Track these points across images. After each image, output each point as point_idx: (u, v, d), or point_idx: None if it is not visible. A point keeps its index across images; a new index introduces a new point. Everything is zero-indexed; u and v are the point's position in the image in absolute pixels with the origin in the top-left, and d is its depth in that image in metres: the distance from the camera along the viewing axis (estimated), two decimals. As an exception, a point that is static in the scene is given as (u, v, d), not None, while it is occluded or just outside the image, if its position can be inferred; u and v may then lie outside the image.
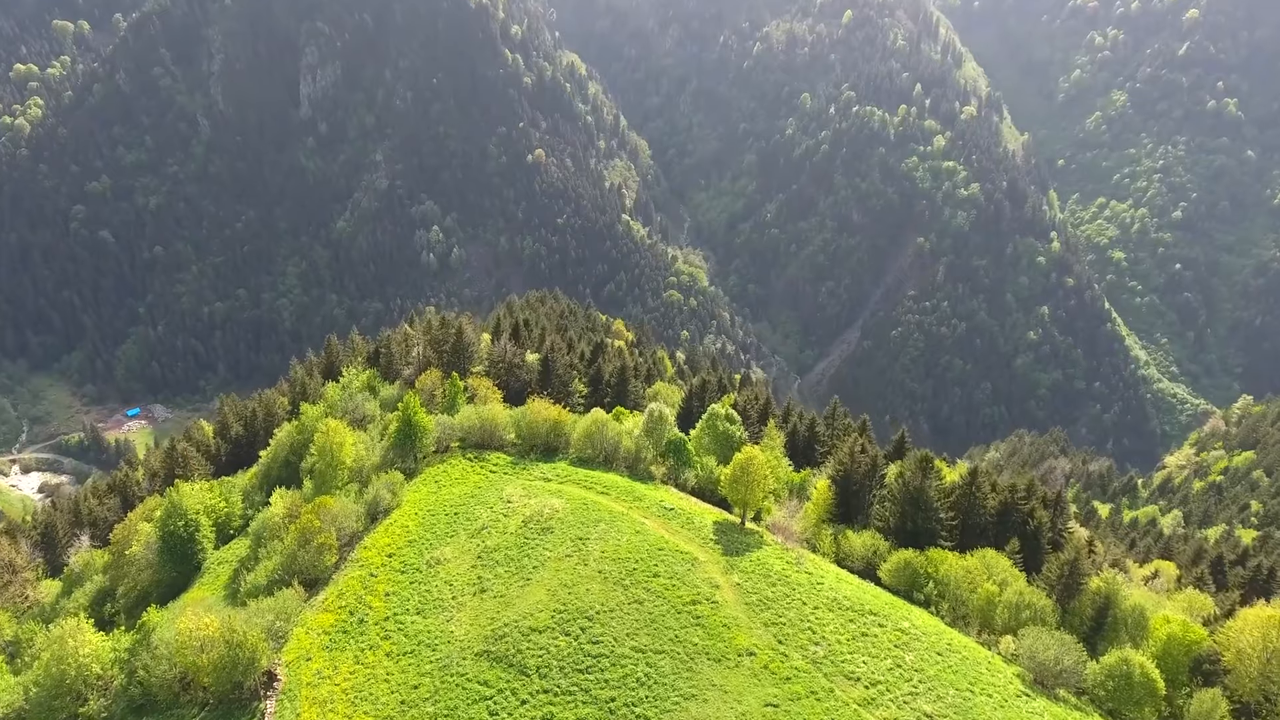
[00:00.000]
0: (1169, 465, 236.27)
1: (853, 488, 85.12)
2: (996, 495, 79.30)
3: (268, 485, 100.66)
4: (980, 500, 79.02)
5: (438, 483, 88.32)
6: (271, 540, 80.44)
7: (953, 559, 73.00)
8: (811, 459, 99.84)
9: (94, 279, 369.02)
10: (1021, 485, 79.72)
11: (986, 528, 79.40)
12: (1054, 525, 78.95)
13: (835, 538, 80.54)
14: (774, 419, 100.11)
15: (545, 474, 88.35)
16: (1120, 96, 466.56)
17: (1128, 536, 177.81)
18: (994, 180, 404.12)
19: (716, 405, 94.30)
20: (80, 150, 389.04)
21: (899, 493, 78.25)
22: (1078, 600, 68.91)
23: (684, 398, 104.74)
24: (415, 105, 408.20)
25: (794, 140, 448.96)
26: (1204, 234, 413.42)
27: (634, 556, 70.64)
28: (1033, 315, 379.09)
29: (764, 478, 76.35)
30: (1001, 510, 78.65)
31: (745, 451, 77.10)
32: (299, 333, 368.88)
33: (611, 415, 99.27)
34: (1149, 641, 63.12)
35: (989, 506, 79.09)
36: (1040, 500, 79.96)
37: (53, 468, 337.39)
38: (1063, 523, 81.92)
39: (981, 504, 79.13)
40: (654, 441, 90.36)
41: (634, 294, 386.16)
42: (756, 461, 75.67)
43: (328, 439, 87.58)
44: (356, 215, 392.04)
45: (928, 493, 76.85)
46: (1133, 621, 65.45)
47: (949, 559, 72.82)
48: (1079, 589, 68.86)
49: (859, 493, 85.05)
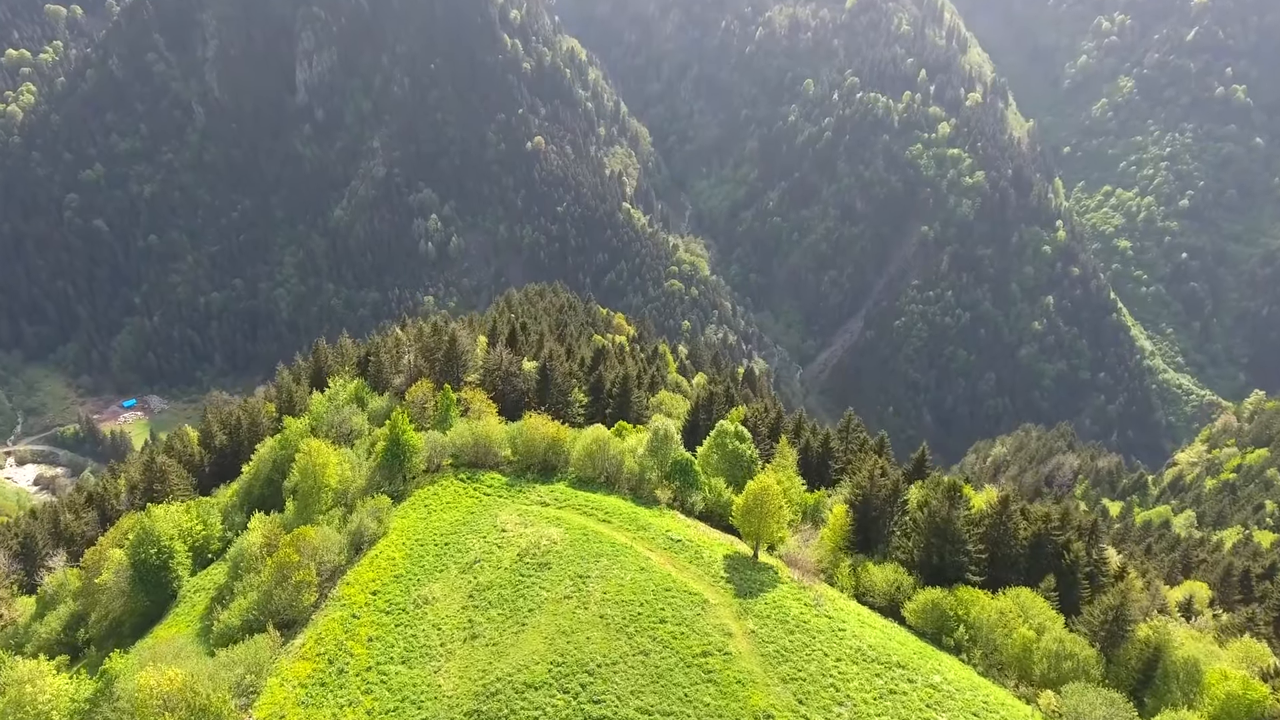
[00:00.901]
0: (1180, 462, 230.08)
1: (872, 513, 78.75)
2: (1029, 525, 72.96)
3: (249, 504, 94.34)
4: (1011, 531, 72.72)
5: (428, 507, 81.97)
6: (248, 573, 74.15)
7: (984, 600, 66.73)
8: (825, 476, 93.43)
9: (88, 268, 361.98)
10: (1055, 514, 73.36)
11: (1017, 559, 73.14)
12: (1090, 558, 72.66)
13: (854, 570, 74.24)
14: (785, 435, 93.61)
15: (543, 497, 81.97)
16: (1127, 83, 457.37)
17: (1143, 541, 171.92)
18: (999, 168, 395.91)
19: (725, 422, 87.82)
20: (73, 137, 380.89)
21: (924, 523, 71.90)
22: (1123, 649, 62.70)
23: (690, 410, 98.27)
24: (413, 92, 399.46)
25: (796, 127, 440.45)
26: (1211, 222, 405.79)
27: (639, 598, 64.34)
28: (1037, 305, 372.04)
29: (779, 509, 69.95)
30: (1034, 542, 72.36)
31: (759, 481, 70.65)
32: (296, 323, 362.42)
33: (613, 431, 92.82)
34: (1204, 699, 57.02)
35: (1020, 537, 72.80)
36: (1075, 530, 73.64)
37: (48, 460, 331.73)
38: (1098, 552, 75.62)
39: (1012, 534, 72.84)
40: (659, 462, 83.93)
41: (635, 283, 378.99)
42: (771, 492, 69.24)
43: (310, 460, 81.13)
44: (354, 204, 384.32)
45: (956, 525, 70.54)
46: (1185, 676, 59.33)
47: (980, 599, 66.55)
48: (1125, 636, 62.65)
49: (879, 519, 78.68)
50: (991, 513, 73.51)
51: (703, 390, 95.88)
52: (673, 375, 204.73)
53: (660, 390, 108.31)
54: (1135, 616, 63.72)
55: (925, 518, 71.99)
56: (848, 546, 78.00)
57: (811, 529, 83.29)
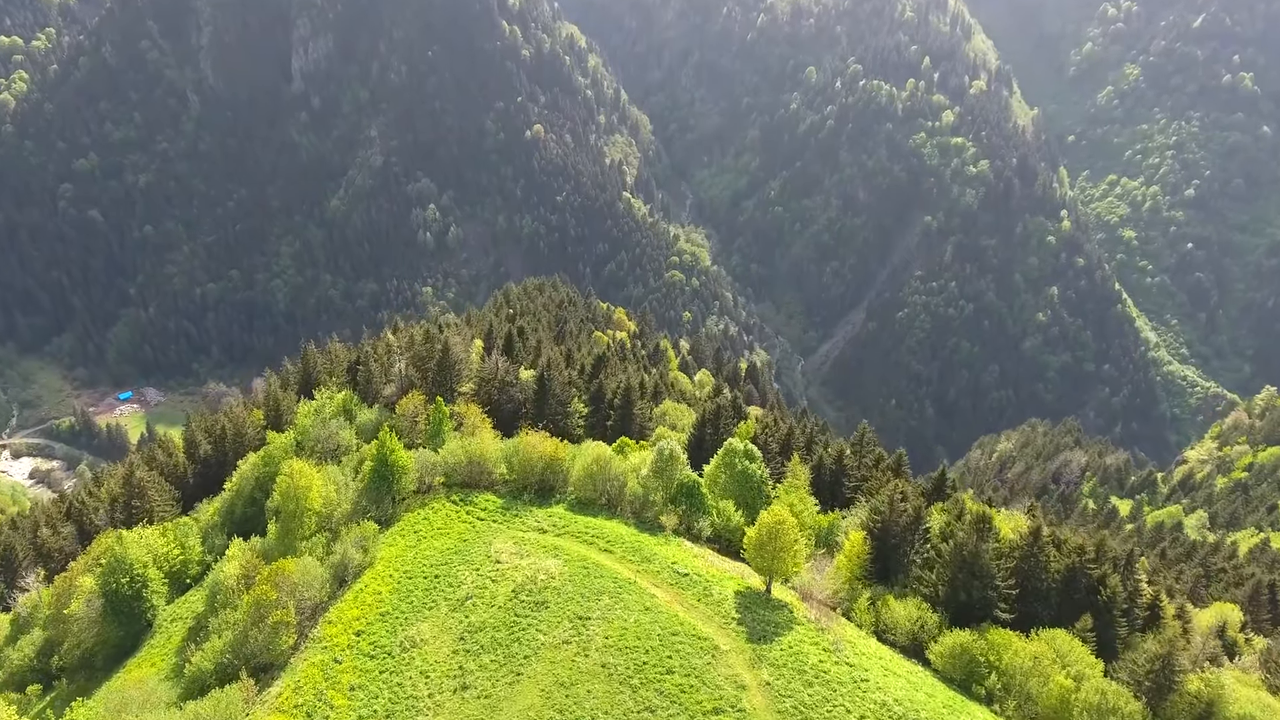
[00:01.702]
0: (1190, 460, 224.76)
1: (891, 541, 73.25)
2: (1062, 558, 67.45)
3: (231, 524, 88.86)
4: (1043, 564, 67.21)
5: (417, 533, 76.41)
6: (224, 608, 68.65)
7: (1017, 643, 61.30)
8: (838, 495, 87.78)
9: (83, 259, 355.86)
10: (1090, 546, 67.86)
11: (1048, 594, 67.67)
12: (1129, 594, 67.23)
13: (874, 604, 68.74)
14: (797, 451, 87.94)
15: (540, 522, 76.40)
16: (1133, 70, 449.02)
17: (1157, 545, 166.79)
18: (1003, 157, 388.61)
19: (734, 439, 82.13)
20: (67, 126, 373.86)
21: (950, 557, 66.36)
22: (1171, 701, 57.33)
23: (695, 423, 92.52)
24: (410, 79, 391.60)
25: (798, 115, 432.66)
26: (1217, 212, 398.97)
27: (644, 644, 58.86)
28: (1042, 296, 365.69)
29: (794, 542, 64.37)
30: (1067, 576, 66.87)
31: (773, 513, 65.04)
32: (293, 314, 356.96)
33: (614, 448, 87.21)
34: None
35: (1052, 571, 67.31)
36: (1111, 563, 68.16)
37: (44, 453, 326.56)
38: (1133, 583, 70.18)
39: (1044, 568, 67.34)
40: (663, 484, 78.31)
41: (635, 274, 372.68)
42: (786, 525, 63.64)
43: (292, 482, 75.47)
44: (351, 193, 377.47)
45: (984, 559, 65.00)
46: (1242, 735, 54.19)
47: (1013, 643, 61.11)
48: (1173, 688, 57.27)
49: (899, 546, 73.17)
50: (1022, 544, 67.94)
51: (709, 404, 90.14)
52: (674, 374, 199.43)
53: (664, 400, 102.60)
54: (1184, 666, 58.31)
55: (951, 550, 66.46)
56: (865, 576, 72.64)
57: (825, 554, 77.86)
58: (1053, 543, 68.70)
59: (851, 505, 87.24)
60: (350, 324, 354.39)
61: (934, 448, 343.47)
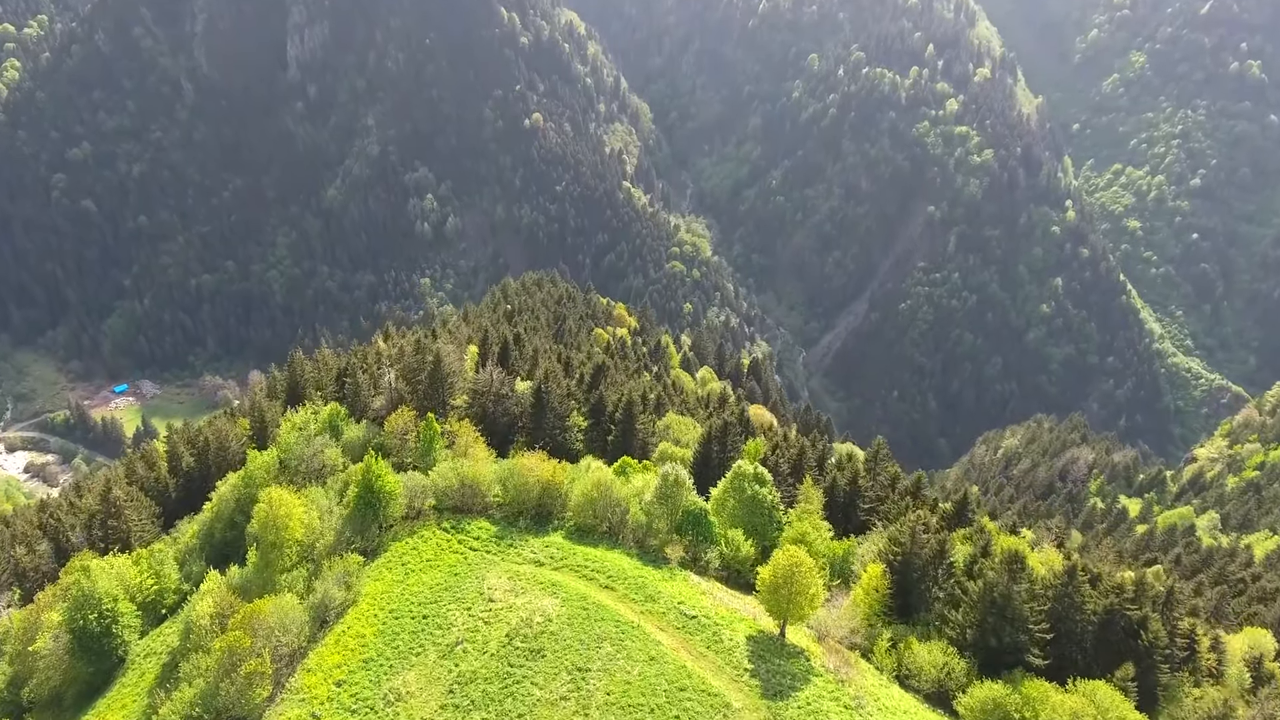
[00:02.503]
0: (1199, 458, 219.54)
1: (913, 574, 67.89)
2: (1099, 599, 62.08)
3: (210, 548, 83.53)
4: (1078, 604, 61.87)
5: (405, 565, 70.99)
6: (195, 651, 63.32)
7: (1054, 696, 56.01)
8: (852, 518, 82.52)
9: (77, 250, 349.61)
10: (1129, 584, 62.56)
11: (1083, 636, 62.38)
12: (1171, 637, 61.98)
13: (895, 646, 63.44)
14: (809, 472, 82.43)
15: (537, 553, 70.96)
16: (1139, 58, 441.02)
17: (1170, 550, 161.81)
18: (1008, 146, 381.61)
19: (742, 462, 76.59)
20: (60, 115, 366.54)
21: (979, 598, 60.99)
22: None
23: (701, 439, 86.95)
24: (407, 67, 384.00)
25: (801, 104, 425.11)
26: (1223, 202, 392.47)
27: (649, 701, 53.58)
28: (1046, 287, 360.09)
29: (811, 583, 58.97)
30: (1104, 619, 61.55)
31: (789, 554, 59.56)
32: (290, 306, 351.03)
33: (615, 469, 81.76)
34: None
35: (1089, 612, 61.96)
36: (1152, 603, 62.89)
37: (39, 447, 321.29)
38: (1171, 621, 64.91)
39: (1079, 608, 62.00)
40: (668, 511, 72.84)
41: (635, 264, 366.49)
42: (803, 568, 58.21)
43: (271, 511, 70.01)
44: (348, 183, 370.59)
45: (1016, 602, 59.64)
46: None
47: (1050, 697, 55.82)
48: (1229, 752, 52.19)
49: (921, 580, 67.83)
50: (1056, 583, 62.53)
51: (715, 420, 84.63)
52: (676, 371, 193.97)
53: (668, 412, 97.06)
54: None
55: (980, 591, 61.05)
56: (885, 612, 67.36)
57: (841, 587, 72.62)
58: (1089, 581, 63.30)
59: (867, 529, 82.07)
60: (348, 316, 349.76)
61: (936, 441, 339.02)
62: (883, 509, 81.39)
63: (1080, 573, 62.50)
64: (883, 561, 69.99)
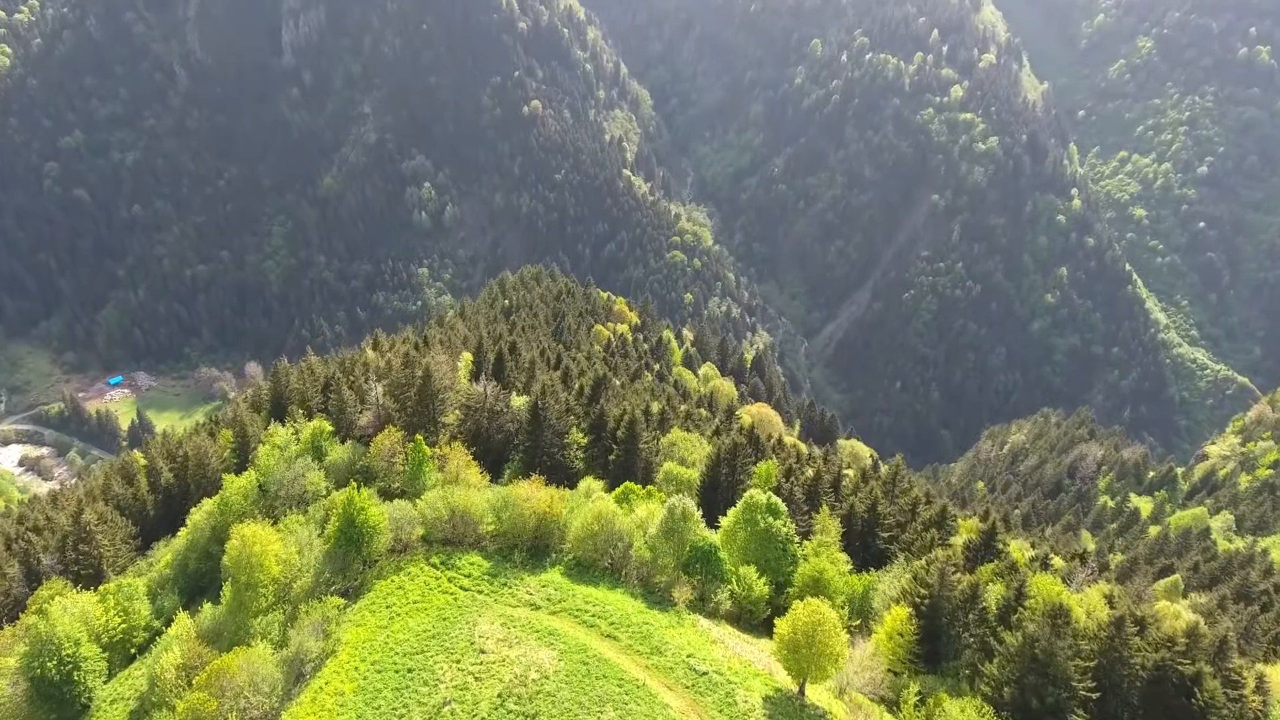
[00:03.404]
0: (1211, 455, 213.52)
1: (941, 619, 61.94)
2: (1149, 652, 56.13)
3: (184, 579, 77.71)
4: (1126, 658, 55.95)
5: (390, 608, 64.94)
6: (158, 709, 57.44)
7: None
8: (870, 547, 76.57)
9: (70, 240, 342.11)
10: (1180, 635, 56.59)
11: (1130, 693, 56.46)
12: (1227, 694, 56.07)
13: (924, 700, 57.54)
14: (825, 498, 76.35)
15: (532, 594, 64.95)
16: (1146, 43, 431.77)
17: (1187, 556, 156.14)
18: (1013, 133, 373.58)
19: (754, 491, 70.45)
20: (51, 103, 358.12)
21: (1018, 652, 55.03)
22: None
23: (709, 462, 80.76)
24: (404, 53, 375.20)
25: (803, 90, 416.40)
26: (1230, 190, 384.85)
27: (655, 779, 47.65)
28: (1050, 277, 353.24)
29: (834, 641, 52.99)
30: (1154, 675, 55.62)
31: (810, 608, 53.57)
32: (286, 296, 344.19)
33: (617, 496, 75.71)
34: None
35: (1138, 666, 56.04)
36: (1206, 655, 56.94)
37: (33, 440, 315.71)
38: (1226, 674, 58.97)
39: (1127, 661, 56.07)
40: (674, 547, 66.88)
41: (635, 254, 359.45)
42: (826, 625, 52.20)
43: (244, 549, 64.00)
44: (344, 171, 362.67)
45: (1060, 658, 53.69)
46: None
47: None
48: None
49: (950, 624, 61.91)
50: (1101, 634, 56.56)
51: (723, 440, 78.52)
52: (678, 369, 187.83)
53: (672, 427, 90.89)
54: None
55: (1020, 646, 55.05)
56: (910, 659, 61.51)
57: (860, 628, 66.76)
58: (1138, 632, 57.30)
59: (886, 558, 76.17)
60: (345, 306, 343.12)
61: (939, 432, 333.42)
62: (903, 538, 75.46)
63: (1130, 624, 56.46)
64: (908, 603, 64.06)
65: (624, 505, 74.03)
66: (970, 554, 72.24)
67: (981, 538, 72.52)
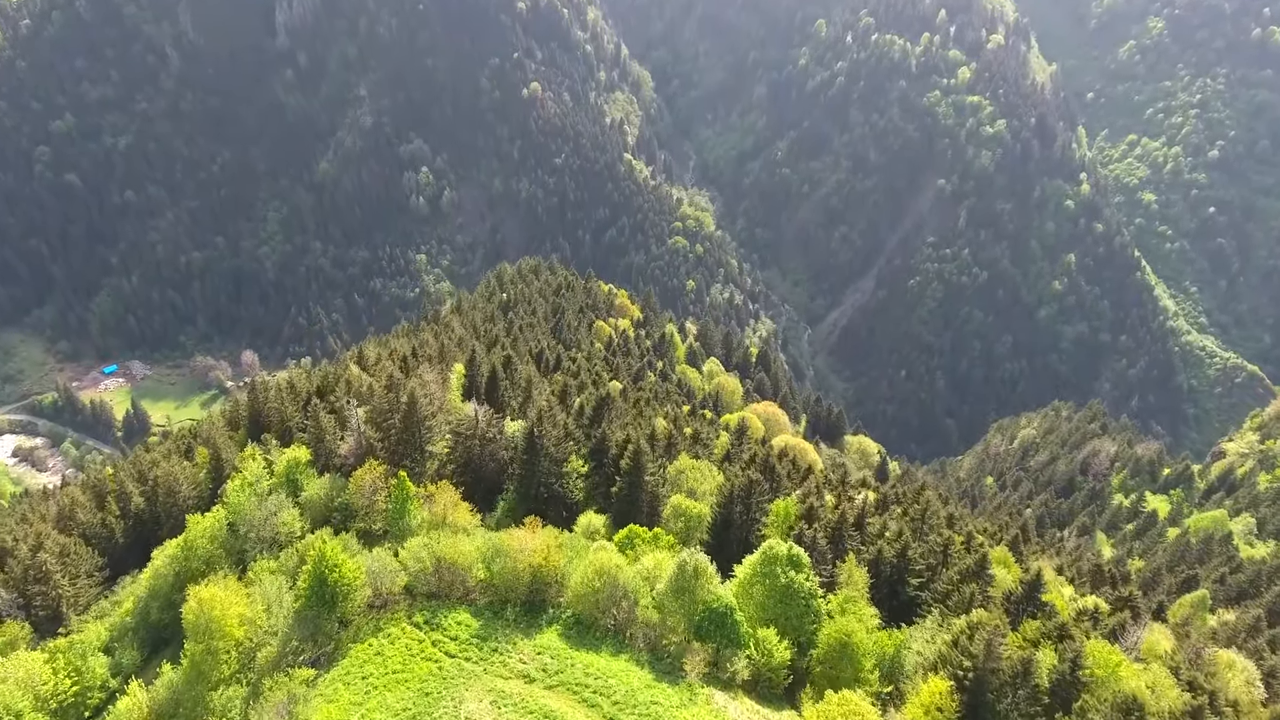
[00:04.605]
0: (1229, 453, 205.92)
1: (987, 693, 54.40)
2: (1230, 746, 48.78)
3: (145, 629, 70.07)
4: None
5: (366, 679, 57.29)
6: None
7: None
8: (899, 594, 68.87)
9: (62, 226, 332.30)
10: None
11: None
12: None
13: (970, 795, 50.15)
14: (849, 540, 68.56)
15: (526, 661, 57.33)
16: (1157, 24, 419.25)
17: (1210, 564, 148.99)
18: (1021, 116, 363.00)
19: (775, 541, 62.53)
20: (41, 85, 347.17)
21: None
22: None
23: (721, 499, 72.88)
24: (400, 34, 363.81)
25: (807, 72, 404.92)
26: (1240, 175, 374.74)
27: None
28: (1058, 263, 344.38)
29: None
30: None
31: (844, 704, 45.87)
32: (282, 283, 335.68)
33: (621, 540, 67.88)
34: None
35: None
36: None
37: (27, 430, 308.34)
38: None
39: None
40: (685, 607, 59.17)
41: (636, 240, 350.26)
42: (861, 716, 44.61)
43: (202, 613, 56.31)
44: (340, 156, 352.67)
45: (1134, 759, 46.26)
46: None
47: None
48: None
49: (997, 700, 54.38)
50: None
51: (738, 477, 70.64)
52: (681, 367, 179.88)
53: (679, 454, 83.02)
54: None
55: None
56: (951, 736, 54.06)
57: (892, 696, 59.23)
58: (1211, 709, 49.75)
59: (916, 607, 68.53)
60: (342, 293, 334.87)
61: (944, 421, 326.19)
62: (936, 586, 67.74)
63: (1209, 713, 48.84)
64: (947, 673, 56.47)
65: (629, 552, 66.26)
66: (1011, 607, 64.57)
67: (1024, 589, 64.74)
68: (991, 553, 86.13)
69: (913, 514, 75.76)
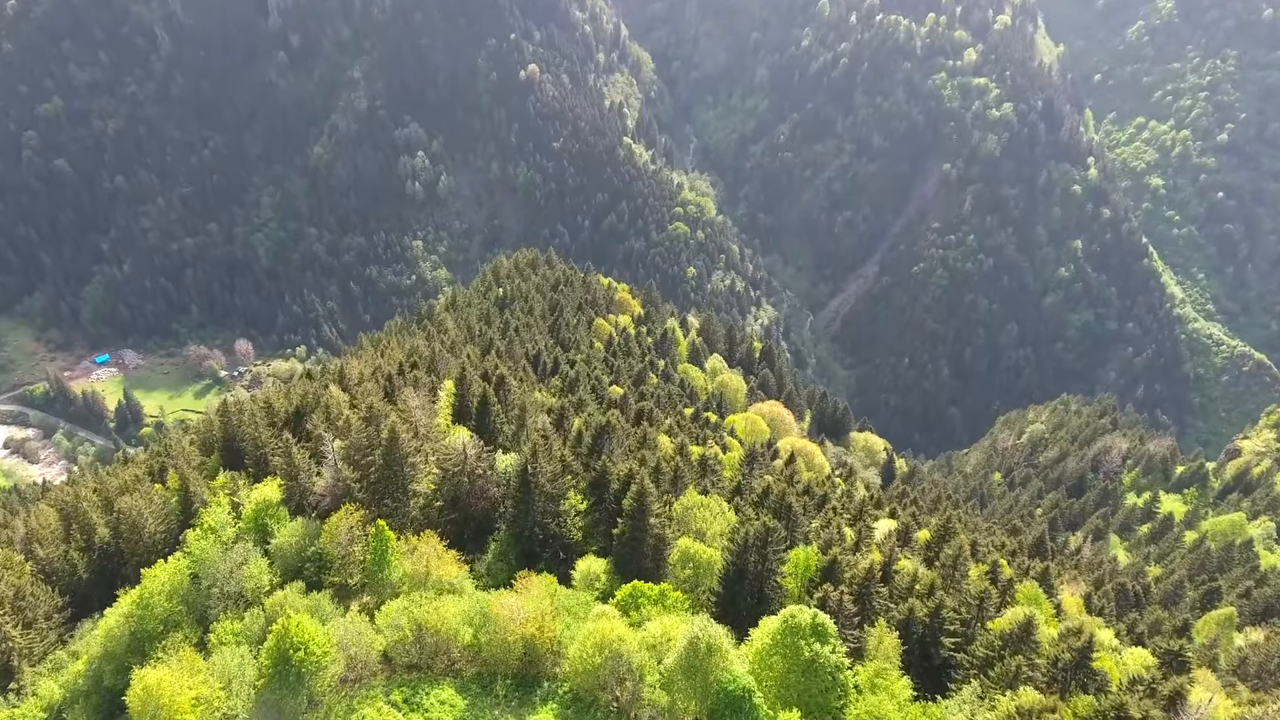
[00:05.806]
0: (1245, 451, 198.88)
1: (1040, 794, 47.29)
2: None
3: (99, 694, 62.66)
4: None
5: (336, 776, 50.17)
6: None
7: None
8: (930, 659, 61.58)
9: (51, 213, 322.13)
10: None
11: None
12: None
13: None
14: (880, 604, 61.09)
15: (518, 752, 50.12)
16: (1166, 3, 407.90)
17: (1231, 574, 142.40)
18: (1028, 99, 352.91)
19: (797, 609, 55.02)
20: (28, 68, 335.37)
21: None
22: None
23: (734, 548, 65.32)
24: (395, 14, 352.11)
25: (810, 53, 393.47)
26: (1250, 159, 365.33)
27: None
28: (1065, 250, 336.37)
29: None
30: None
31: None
32: (276, 271, 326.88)
33: (624, 599, 60.41)
34: None
35: None
36: None
37: (18, 420, 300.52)
38: None
39: None
40: (697, 689, 51.84)
41: (637, 226, 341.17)
42: None
43: (149, 701, 48.98)
44: (334, 140, 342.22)
45: None
46: None
47: None
48: None
49: (1050, 802, 47.29)
50: None
51: (753, 524, 63.10)
52: (684, 366, 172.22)
53: (687, 489, 75.50)
54: None
55: None
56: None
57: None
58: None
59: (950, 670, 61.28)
60: (337, 280, 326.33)
61: (948, 410, 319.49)
62: (973, 650, 60.42)
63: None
64: (995, 768, 49.19)
65: (633, 614, 58.85)
66: (1058, 676, 57.32)
67: (1075, 657, 57.37)
68: (1019, 589, 79.10)
69: (944, 559, 68.30)
